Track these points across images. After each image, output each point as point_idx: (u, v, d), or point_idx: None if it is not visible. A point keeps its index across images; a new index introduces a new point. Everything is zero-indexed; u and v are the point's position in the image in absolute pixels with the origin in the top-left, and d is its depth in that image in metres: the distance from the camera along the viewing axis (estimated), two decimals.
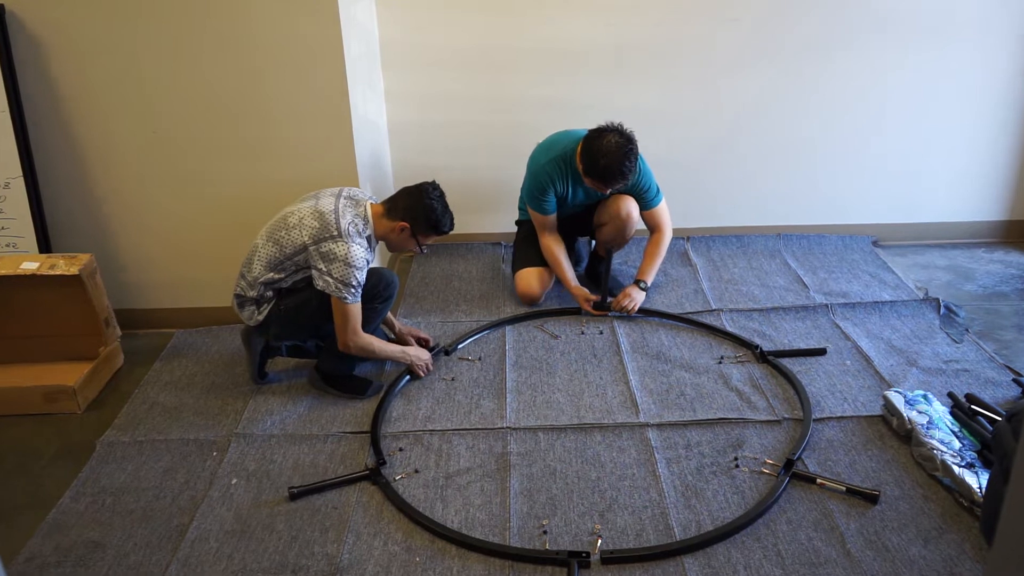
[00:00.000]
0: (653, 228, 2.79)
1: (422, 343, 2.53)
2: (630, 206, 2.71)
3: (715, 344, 2.60)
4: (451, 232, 2.29)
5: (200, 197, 2.58)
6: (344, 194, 2.21)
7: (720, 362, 2.49)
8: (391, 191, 3.18)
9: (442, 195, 2.23)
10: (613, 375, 2.44)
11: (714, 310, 2.80)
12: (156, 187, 2.56)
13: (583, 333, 2.68)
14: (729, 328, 2.67)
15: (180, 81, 2.41)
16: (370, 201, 2.23)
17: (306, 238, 2.11)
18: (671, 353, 2.55)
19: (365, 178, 2.72)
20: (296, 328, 2.26)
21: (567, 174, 2.63)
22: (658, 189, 2.74)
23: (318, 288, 2.11)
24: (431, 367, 2.41)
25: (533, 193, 2.68)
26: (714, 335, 2.64)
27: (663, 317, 2.76)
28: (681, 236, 3.34)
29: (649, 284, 2.77)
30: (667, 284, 3.01)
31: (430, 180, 2.27)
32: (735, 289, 2.97)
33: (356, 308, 2.13)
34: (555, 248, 2.78)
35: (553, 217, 2.74)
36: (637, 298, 2.75)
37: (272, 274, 2.16)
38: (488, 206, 3.30)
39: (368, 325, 2.24)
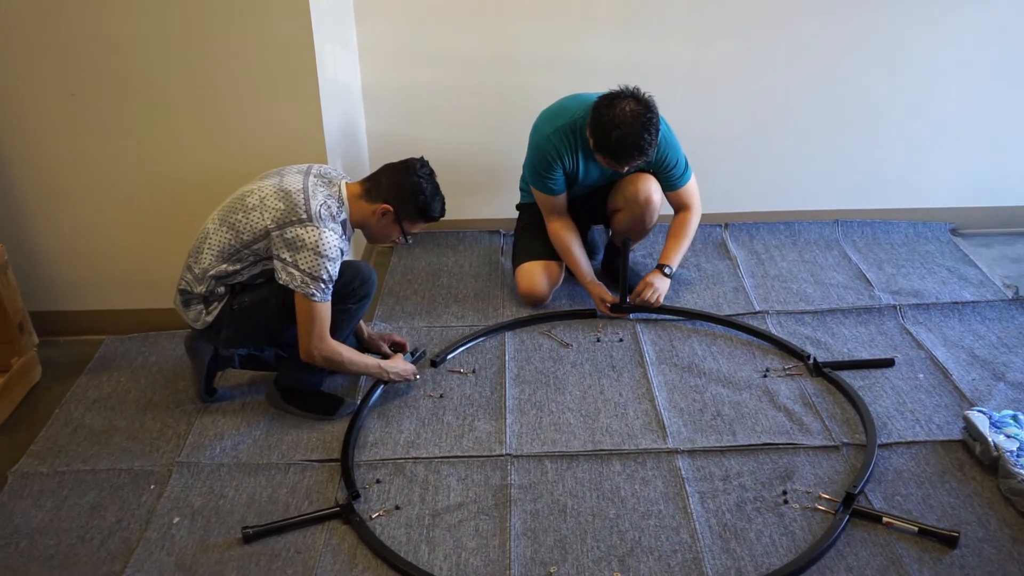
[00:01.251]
0: (679, 208, 2.80)
1: (397, 349, 2.54)
2: (650, 188, 2.71)
3: (759, 354, 2.60)
4: (442, 218, 2.30)
5: (135, 175, 2.58)
6: (313, 172, 2.22)
7: (765, 375, 2.49)
8: (364, 170, 3.19)
9: (432, 173, 2.24)
10: (636, 391, 2.43)
11: (758, 312, 2.80)
12: (79, 163, 2.55)
13: (599, 340, 2.68)
14: (776, 334, 2.67)
15: (106, 30, 2.36)
16: (345, 181, 2.25)
17: (268, 222, 2.11)
18: (705, 364, 2.55)
19: (335, 153, 2.72)
20: (252, 333, 2.26)
21: (577, 146, 2.62)
22: (687, 165, 2.73)
23: (280, 283, 2.10)
24: (416, 377, 2.42)
25: (537, 170, 2.68)
26: (758, 342, 2.65)
27: (696, 319, 2.76)
28: (718, 223, 3.34)
29: (675, 269, 2.77)
30: (701, 280, 3.01)
31: (417, 156, 2.28)
32: (783, 287, 2.97)
33: (325, 308, 2.13)
34: (565, 235, 2.78)
35: (562, 198, 2.75)
36: (661, 287, 2.74)
37: (225, 265, 2.16)
38: (484, 187, 3.30)
39: (338, 331, 2.25)
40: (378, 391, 2.38)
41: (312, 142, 2.56)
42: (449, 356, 2.59)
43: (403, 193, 2.19)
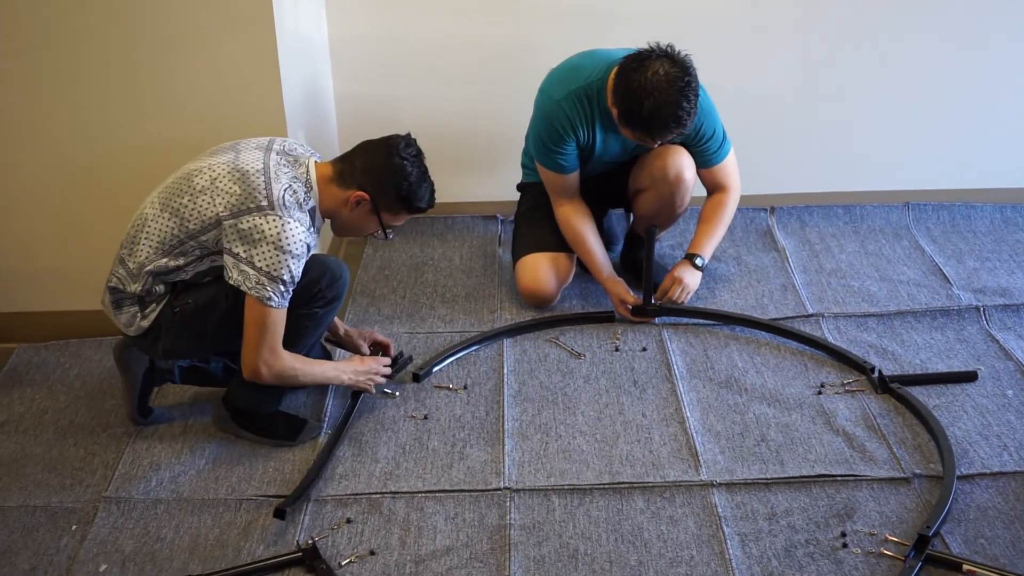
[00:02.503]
0: (714, 188, 2.81)
1: (378, 351, 2.54)
2: (682, 163, 2.71)
3: (812, 365, 2.60)
4: (430, 208, 2.30)
5: (50, 148, 2.57)
6: (276, 147, 2.22)
7: (820, 392, 2.49)
8: (332, 144, 3.20)
9: (419, 154, 2.24)
10: (662, 411, 2.43)
11: (811, 315, 2.81)
12: None
13: (617, 350, 2.68)
14: (833, 342, 2.67)
15: None
16: (314, 159, 2.25)
17: (220, 208, 2.11)
18: (747, 378, 2.54)
19: (296, 123, 2.71)
20: (198, 341, 2.25)
21: (593, 114, 2.63)
22: (725, 136, 2.74)
23: (231, 282, 2.10)
24: (395, 393, 2.46)
25: (544, 143, 2.68)
26: (811, 352, 2.65)
27: (735, 324, 2.76)
28: (762, 206, 3.34)
29: (707, 260, 2.78)
30: (741, 276, 3.00)
31: (401, 133, 2.27)
32: (842, 284, 2.97)
33: (280, 317, 2.13)
34: (578, 221, 2.78)
35: (574, 177, 2.75)
36: (690, 282, 2.75)
37: (166, 260, 2.16)
38: (478, 162, 3.30)
39: (300, 341, 2.25)
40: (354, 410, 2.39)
41: (268, 109, 2.55)
42: (435, 368, 2.59)
43: (383, 178, 2.19)
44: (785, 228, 3.28)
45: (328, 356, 2.54)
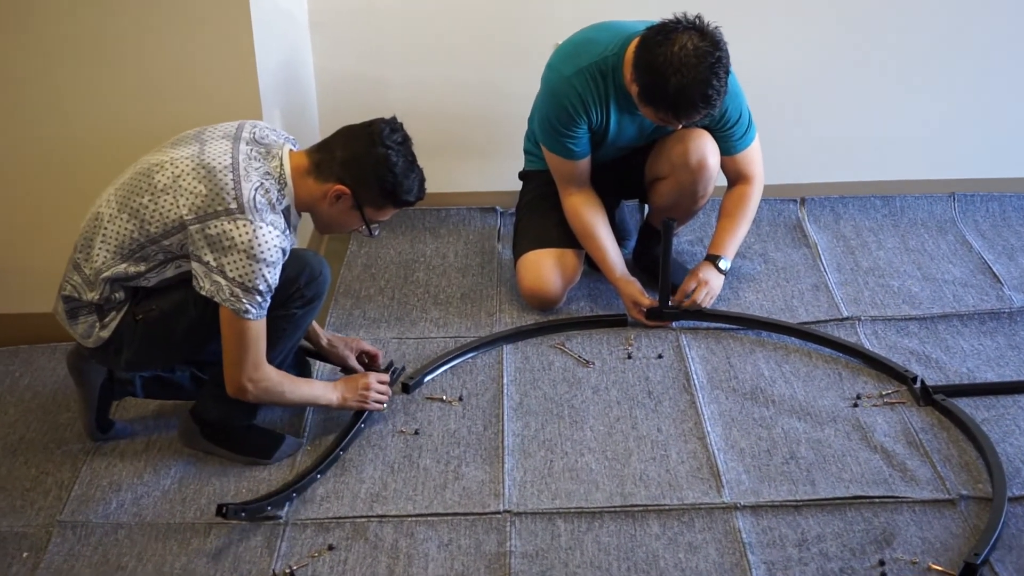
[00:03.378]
0: (736, 179, 2.82)
1: (366, 361, 2.54)
2: (705, 148, 2.71)
3: (847, 374, 2.60)
4: (420, 201, 2.30)
5: None
6: (246, 135, 2.21)
7: (856, 404, 2.49)
8: (312, 126, 3.19)
9: (405, 140, 2.23)
10: (680, 426, 2.43)
11: (846, 318, 2.81)
12: None
13: (630, 357, 2.68)
14: (871, 348, 2.67)
15: None
16: (289, 147, 2.24)
17: (184, 211, 2.11)
18: (775, 389, 2.55)
19: (271, 104, 2.71)
20: (163, 351, 2.27)
21: (607, 93, 2.62)
22: (751, 120, 2.76)
23: (203, 293, 2.10)
24: (389, 394, 2.45)
25: (552, 125, 2.68)
26: (846, 359, 2.64)
27: (761, 328, 2.76)
28: (791, 196, 3.34)
29: (730, 262, 2.80)
30: (768, 275, 3.00)
31: (385, 116, 2.26)
32: (880, 283, 2.97)
33: (261, 328, 2.14)
34: (588, 213, 2.78)
35: (585, 164, 2.75)
36: (714, 284, 2.76)
37: (125, 265, 2.16)
38: (475, 148, 3.29)
39: (275, 346, 2.24)
40: (357, 425, 2.38)
41: (242, 90, 2.54)
42: (427, 378, 2.59)
43: (364, 169, 2.18)
44: (817, 221, 3.27)
45: (306, 365, 2.54)
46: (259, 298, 2.09)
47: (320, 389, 2.34)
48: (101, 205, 2.19)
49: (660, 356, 2.68)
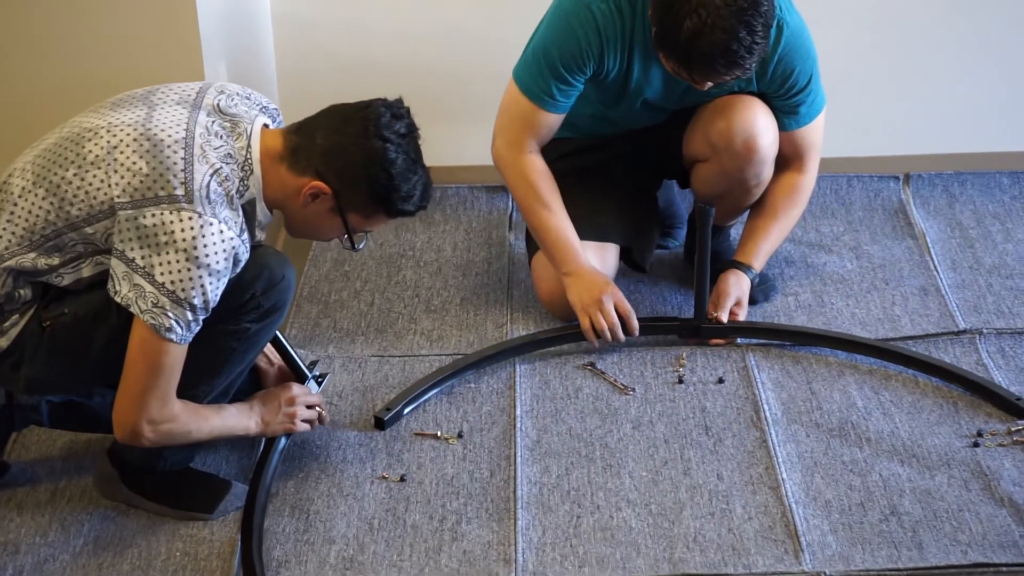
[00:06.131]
0: (787, 162, 2.84)
1: (288, 374, 2.53)
2: (754, 124, 2.72)
3: (965, 406, 2.59)
4: (421, 211, 2.30)
5: None
6: (208, 102, 2.22)
7: (977, 443, 2.49)
8: (271, 90, 3.18)
9: (411, 132, 2.23)
10: (747, 471, 2.43)
11: (963, 332, 2.81)
12: None
13: (681, 381, 2.68)
14: (995, 371, 2.67)
15: None
16: (264, 122, 2.25)
17: (116, 191, 2.10)
18: (870, 424, 2.54)
19: (215, 54, 2.71)
20: (77, 369, 2.26)
21: (633, 32, 2.62)
22: (820, 87, 2.76)
23: (118, 299, 2.09)
24: (323, 415, 2.46)
25: (550, 58, 2.64)
26: (964, 387, 2.64)
27: (852, 350, 2.74)
28: (891, 173, 3.34)
29: (758, 271, 2.84)
30: (862, 275, 3.00)
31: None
32: (1008, 287, 2.97)
33: (180, 356, 2.12)
34: (548, 182, 2.77)
35: (558, 121, 2.76)
36: (734, 294, 2.78)
37: (35, 255, 2.15)
38: (478, 113, 3.22)
39: (221, 371, 2.26)
40: (279, 447, 2.37)
41: (175, 37, 2.55)
42: (410, 407, 2.59)
43: (352, 164, 2.18)
44: (925, 205, 3.27)
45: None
46: (190, 315, 2.08)
47: (234, 417, 2.32)
48: (13, 175, 2.19)
49: (721, 380, 2.68)
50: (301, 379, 2.48)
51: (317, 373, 2.53)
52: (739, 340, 2.79)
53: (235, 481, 2.39)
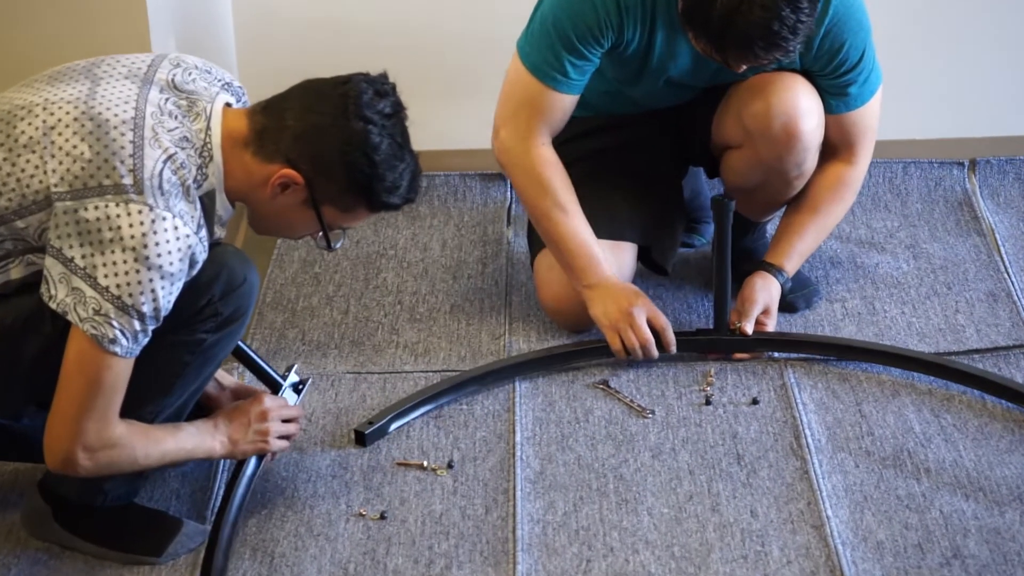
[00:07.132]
0: (834, 150, 2.85)
1: (245, 394, 2.51)
2: (796, 106, 2.73)
3: None
4: (409, 204, 2.29)
5: None
6: (162, 76, 2.23)
7: None
8: (230, 63, 3.20)
9: (397, 112, 2.24)
10: (785, 507, 2.42)
11: None
12: None
13: (709, 402, 2.70)
14: None
15: None
16: (226, 101, 2.26)
17: (53, 179, 2.10)
18: (929, 452, 2.55)
19: (163, 25, 2.72)
20: (3, 384, 2.26)
21: (655, 4, 2.63)
22: (875, 64, 2.78)
23: (53, 305, 2.09)
24: (299, 417, 2.48)
25: (562, 28, 2.65)
26: None
27: (904, 366, 2.73)
28: (955, 158, 3.36)
29: (790, 274, 2.87)
30: (920, 277, 3.02)
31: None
32: None
33: (125, 371, 2.13)
34: (563, 179, 2.79)
35: (571, 104, 2.76)
36: (761, 300, 2.79)
37: None
38: (474, 89, 3.30)
39: (172, 388, 2.27)
40: (249, 470, 2.35)
41: (120, 4, 2.56)
42: (393, 428, 2.60)
43: (328, 149, 2.19)
44: (995, 196, 3.29)
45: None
46: (138, 324, 2.06)
47: (193, 437, 2.30)
48: None
49: (755, 401, 2.68)
50: (275, 389, 2.47)
51: (297, 380, 2.52)
52: (775, 354, 2.78)
53: (187, 519, 2.38)
